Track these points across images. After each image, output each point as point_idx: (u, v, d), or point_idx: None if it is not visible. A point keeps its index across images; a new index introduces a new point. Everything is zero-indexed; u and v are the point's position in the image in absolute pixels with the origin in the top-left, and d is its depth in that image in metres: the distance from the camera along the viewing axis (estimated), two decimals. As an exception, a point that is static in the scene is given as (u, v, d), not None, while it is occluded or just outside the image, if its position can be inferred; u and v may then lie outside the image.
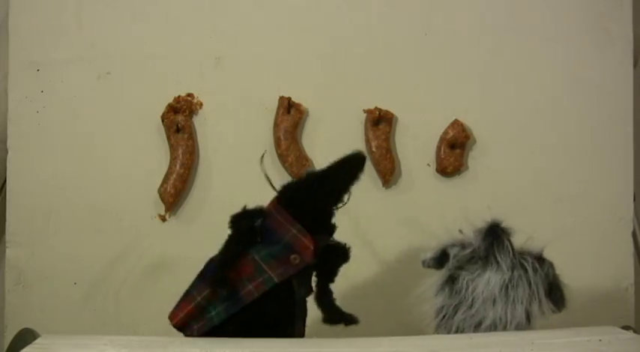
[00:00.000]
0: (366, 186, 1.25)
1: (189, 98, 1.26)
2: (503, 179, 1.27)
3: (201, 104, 1.27)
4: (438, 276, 0.94)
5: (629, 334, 0.89)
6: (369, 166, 1.26)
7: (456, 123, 1.26)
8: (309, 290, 0.94)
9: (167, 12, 1.26)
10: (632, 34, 1.27)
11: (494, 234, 0.94)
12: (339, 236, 1.23)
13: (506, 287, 0.90)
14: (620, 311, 1.24)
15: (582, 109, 1.27)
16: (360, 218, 1.24)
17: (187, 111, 1.25)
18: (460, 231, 0.97)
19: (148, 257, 1.25)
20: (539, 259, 0.95)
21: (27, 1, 1.25)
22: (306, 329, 0.96)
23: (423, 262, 0.96)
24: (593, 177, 1.27)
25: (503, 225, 0.96)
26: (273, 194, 1.25)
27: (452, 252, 0.94)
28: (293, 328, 0.93)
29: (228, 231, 0.93)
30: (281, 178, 1.25)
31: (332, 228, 0.93)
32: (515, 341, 0.84)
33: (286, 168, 1.25)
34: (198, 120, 1.27)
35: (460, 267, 0.93)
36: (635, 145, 1.27)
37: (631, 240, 1.26)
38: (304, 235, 0.89)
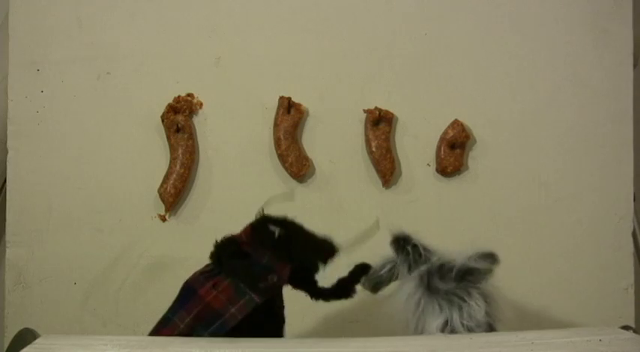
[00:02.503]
0: (366, 186, 1.26)
1: (189, 98, 1.26)
2: (503, 179, 1.27)
3: (201, 104, 1.27)
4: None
5: (629, 334, 0.89)
6: (369, 166, 1.26)
7: (456, 123, 1.26)
8: (282, 300, 0.96)
9: (167, 12, 1.26)
10: (632, 34, 1.27)
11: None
12: (339, 235, 1.24)
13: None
14: (620, 311, 1.24)
15: (582, 109, 1.27)
16: (361, 218, 1.24)
17: (187, 111, 1.25)
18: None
19: (148, 257, 1.25)
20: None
21: (27, 1, 1.25)
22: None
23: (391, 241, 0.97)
24: (593, 177, 1.26)
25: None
26: (273, 194, 1.26)
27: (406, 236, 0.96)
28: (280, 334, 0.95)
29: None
30: (281, 178, 1.26)
31: (290, 258, 0.94)
32: (515, 341, 0.84)
33: (286, 168, 1.25)
34: (198, 120, 1.27)
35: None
36: (635, 145, 1.27)
37: (631, 240, 1.26)
38: (280, 259, 0.91)
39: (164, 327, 0.92)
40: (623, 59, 1.27)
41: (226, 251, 0.93)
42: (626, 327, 0.93)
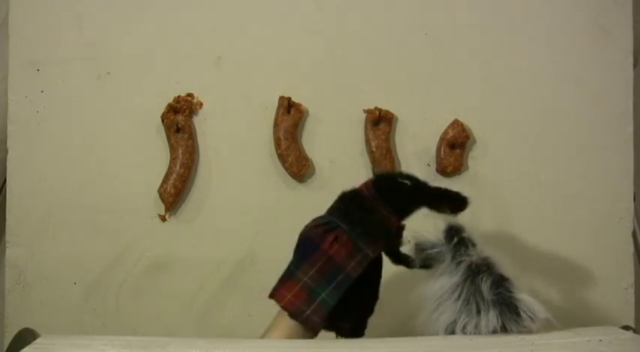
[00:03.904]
0: (366, 186, 1.26)
1: (189, 98, 1.26)
2: (503, 179, 1.27)
3: (201, 104, 1.27)
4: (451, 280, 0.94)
5: (629, 334, 0.89)
6: (369, 166, 1.26)
7: (456, 123, 1.26)
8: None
9: (167, 12, 1.26)
10: (632, 34, 1.27)
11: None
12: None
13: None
14: (620, 311, 1.24)
15: (582, 109, 1.27)
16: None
17: (187, 111, 1.25)
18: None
19: (148, 257, 1.25)
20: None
21: (27, 1, 1.25)
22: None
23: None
24: (593, 177, 1.27)
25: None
26: (273, 194, 1.26)
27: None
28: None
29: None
30: (281, 178, 1.26)
31: (405, 216, 0.98)
32: (515, 342, 0.84)
33: (286, 168, 1.25)
34: (198, 120, 1.27)
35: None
36: (635, 145, 1.27)
37: (631, 240, 1.26)
38: (392, 216, 0.94)
39: (289, 279, 0.91)
40: (623, 59, 1.27)
41: (351, 204, 0.94)
42: (626, 327, 0.93)
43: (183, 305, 1.24)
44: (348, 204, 0.94)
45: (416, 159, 1.27)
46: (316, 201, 1.25)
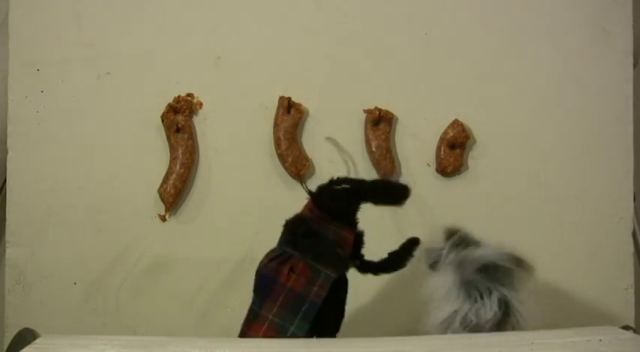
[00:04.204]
0: (366, 186, 1.26)
1: (189, 98, 1.26)
2: (503, 179, 1.27)
3: (201, 104, 1.27)
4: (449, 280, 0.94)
5: (629, 334, 0.89)
6: (369, 166, 1.26)
7: (456, 123, 1.26)
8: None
9: (167, 12, 1.26)
10: (632, 34, 1.27)
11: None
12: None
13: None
14: (620, 311, 1.24)
15: (582, 109, 1.27)
16: (360, 218, 1.24)
17: (187, 111, 1.25)
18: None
19: (148, 257, 1.25)
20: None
21: (27, 1, 1.25)
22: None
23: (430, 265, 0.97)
24: (593, 177, 1.26)
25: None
26: (273, 194, 1.26)
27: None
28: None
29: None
30: (281, 178, 1.26)
31: (356, 222, 0.97)
32: (515, 341, 0.84)
33: (286, 168, 1.25)
34: (198, 120, 1.27)
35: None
36: (635, 145, 1.27)
37: (631, 240, 1.26)
38: (343, 229, 0.93)
39: (254, 322, 0.91)
40: (623, 59, 1.27)
41: (298, 230, 0.93)
42: (626, 327, 0.93)
43: (183, 305, 1.24)
44: (295, 231, 0.94)
45: (416, 159, 1.27)
46: (316, 201, 1.26)
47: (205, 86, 1.26)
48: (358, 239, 0.98)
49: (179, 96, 1.26)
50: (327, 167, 1.26)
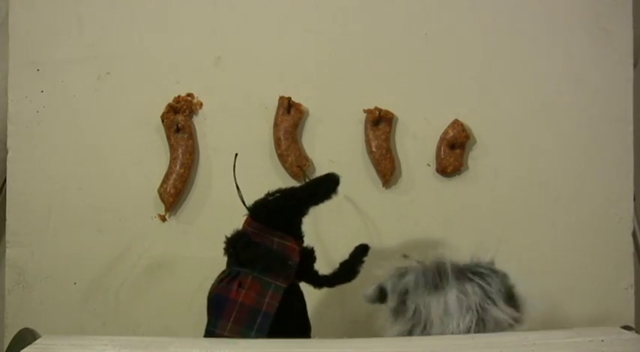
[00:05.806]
0: (366, 186, 1.26)
1: (189, 98, 1.26)
2: (503, 179, 1.27)
3: (201, 104, 1.26)
4: (387, 308, 0.94)
5: (631, 334, 0.89)
6: (369, 166, 1.26)
7: (456, 123, 1.26)
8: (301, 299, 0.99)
9: (167, 12, 1.26)
10: (632, 34, 1.26)
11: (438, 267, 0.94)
12: (339, 235, 1.24)
13: (460, 300, 0.90)
14: (620, 311, 1.24)
15: (582, 109, 1.27)
16: (360, 218, 1.24)
17: (187, 111, 1.25)
18: (405, 256, 0.98)
19: (148, 257, 1.25)
20: (492, 270, 0.94)
21: (27, 1, 1.25)
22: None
23: (365, 298, 0.97)
24: (593, 177, 1.26)
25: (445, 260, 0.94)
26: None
27: (389, 286, 0.94)
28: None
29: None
30: (281, 178, 1.26)
31: (301, 234, 0.98)
32: (516, 342, 0.84)
33: (286, 168, 1.25)
34: (198, 120, 1.27)
35: (406, 292, 0.92)
36: (635, 145, 1.27)
37: (631, 240, 1.26)
38: (287, 239, 0.94)
39: None
40: (623, 59, 1.27)
41: (238, 244, 0.94)
42: (626, 327, 0.93)
43: (183, 305, 1.24)
44: (236, 247, 0.94)
45: (416, 159, 1.27)
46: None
47: (205, 86, 1.26)
48: (309, 255, 0.99)
49: (179, 96, 1.26)
50: (327, 167, 1.26)
